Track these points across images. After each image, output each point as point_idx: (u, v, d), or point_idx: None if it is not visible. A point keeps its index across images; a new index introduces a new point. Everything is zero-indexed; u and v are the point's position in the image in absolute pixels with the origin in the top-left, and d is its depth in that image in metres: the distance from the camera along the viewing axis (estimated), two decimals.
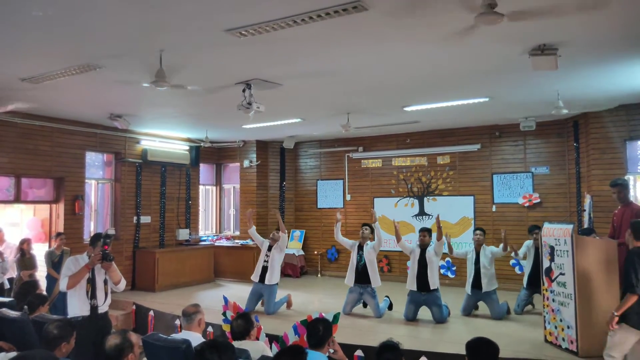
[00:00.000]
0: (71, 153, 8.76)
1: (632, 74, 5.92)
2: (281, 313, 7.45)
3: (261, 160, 11.49)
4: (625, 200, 5.54)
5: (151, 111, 8.01)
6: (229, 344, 3.06)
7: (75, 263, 4.59)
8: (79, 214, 8.78)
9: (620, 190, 5.57)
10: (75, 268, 4.52)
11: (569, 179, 8.77)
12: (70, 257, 4.77)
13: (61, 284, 4.52)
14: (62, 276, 4.56)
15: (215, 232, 12.05)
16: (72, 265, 4.57)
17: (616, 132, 7.79)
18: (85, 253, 4.79)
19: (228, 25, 4.21)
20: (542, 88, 6.51)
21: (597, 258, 5.15)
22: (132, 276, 9.69)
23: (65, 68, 5.42)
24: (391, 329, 6.31)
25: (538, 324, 6.08)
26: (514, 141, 9.34)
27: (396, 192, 10.44)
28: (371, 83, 6.27)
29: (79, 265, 4.54)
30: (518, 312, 7.13)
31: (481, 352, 2.96)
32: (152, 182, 10.17)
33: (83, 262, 4.58)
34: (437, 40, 4.65)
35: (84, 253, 4.78)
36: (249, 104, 6.03)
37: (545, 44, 4.72)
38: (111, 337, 2.96)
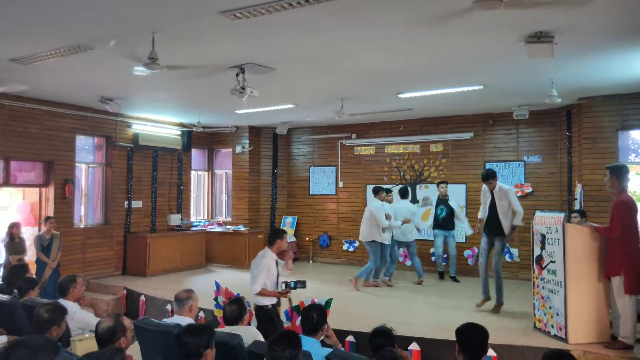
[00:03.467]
0: (61, 136, 8.65)
1: (626, 64, 5.92)
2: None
3: (254, 146, 11.43)
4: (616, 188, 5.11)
5: (143, 95, 7.91)
6: (206, 327, 3.09)
7: (269, 267, 4.88)
8: (69, 198, 8.70)
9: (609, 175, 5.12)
10: (267, 273, 4.85)
11: (561, 168, 8.81)
12: (262, 260, 4.90)
13: (254, 288, 4.81)
14: (257, 279, 4.80)
15: (207, 217, 12.01)
16: (263, 271, 4.84)
17: (608, 121, 7.82)
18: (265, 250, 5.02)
19: (222, 7, 4.14)
20: (537, 76, 6.50)
21: (587, 246, 5.19)
22: (123, 261, 9.65)
23: (55, 49, 5.31)
24: (382, 315, 6.34)
25: (528, 312, 6.15)
26: (506, 130, 9.35)
27: (389, 180, 10.44)
28: (366, 69, 6.22)
29: (271, 269, 4.89)
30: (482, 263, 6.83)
31: (471, 338, 2.98)
32: (143, 166, 10.09)
33: (271, 260, 4.91)
34: (433, 26, 4.61)
35: (266, 250, 4.99)
36: (242, 88, 5.96)
37: (542, 31, 4.70)
38: (104, 321, 2.95)
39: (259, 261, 4.88)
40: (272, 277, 4.89)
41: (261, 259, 4.88)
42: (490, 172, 6.65)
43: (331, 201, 11.21)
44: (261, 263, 4.84)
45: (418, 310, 6.91)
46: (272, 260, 4.91)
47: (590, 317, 5.15)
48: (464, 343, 2.92)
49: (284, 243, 4.99)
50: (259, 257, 4.93)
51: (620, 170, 5.08)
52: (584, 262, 5.18)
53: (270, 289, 4.87)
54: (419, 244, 9.25)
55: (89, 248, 9.09)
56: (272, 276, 4.89)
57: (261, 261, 4.86)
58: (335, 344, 3.68)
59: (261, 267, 4.82)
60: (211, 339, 2.92)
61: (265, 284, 4.84)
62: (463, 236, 9.54)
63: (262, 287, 4.81)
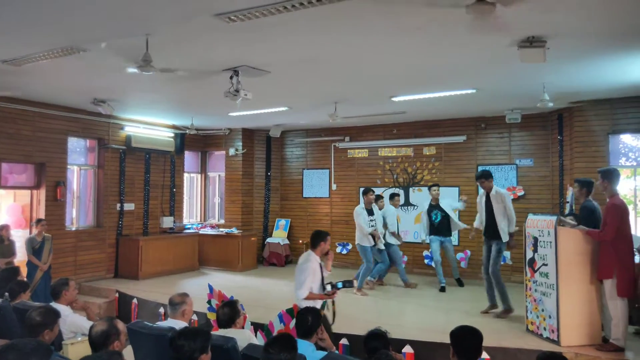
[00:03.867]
0: (53, 138, 8.59)
1: (616, 68, 5.99)
2: (265, 302, 7.44)
3: (247, 148, 11.41)
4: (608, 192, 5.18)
5: (136, 97, 7.88)
6: (202, 331, 3.06)
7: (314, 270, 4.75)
8: (60, 200, 8.64)
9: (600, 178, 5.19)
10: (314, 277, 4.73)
11: (553, 172, 8.88)
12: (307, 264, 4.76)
13: (300, 293, 4.70)
14: (304, 284, 4.69)
15: (199, 220, 11.97)
16: (310, 276, 4.71)
17: (599, 125, 7.90)
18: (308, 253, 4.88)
19: (217, 10, 4.14)
20: (529, 81, 6.56)
21: (579, 249, 5.24)
22: (115, 264, 9.59)
23: (48, 50, 5.28)
24: (376, 318, 6.35)
25: (520, 314, 6.18)
26: (499, 133, 9.41)
27: (382, 182, 10.47)
28: (360, 72, 6.25)
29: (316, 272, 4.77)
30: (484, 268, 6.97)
31: (465, 340, 2.99)
32: (136, 169, 10.04)
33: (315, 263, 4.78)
34: (426, 30, 4.64)
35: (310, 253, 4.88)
36: (236, 91, 5.96)
37: (534, 36, 4.74)
38: (97, 324, 2.92)
39: (304, 266, 4.74)
40: (317, 280, 4.78)
41: (306, 263, 4.74)
42: (485, 172, 6.75)
43: (324, 204, 11.21)
44: (307, 267, 4.71)
45: (411, 313, 6.92)
46: (317, 263, 4.80)
47: (582, 320, 5.19)
48: (458, 346, 2.94)
49: (327, 245, 4.88)
50: (303, 262, 4.79)
51: (611, 174, 5.13)
52: (576, 265, 5.23)
53: (316, 292, 4.75)
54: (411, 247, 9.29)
55: (81, 251, 9.02)
56: (318, 279, 4.78)
57: (306, 265, 4.72)
58: (330, 347, 3.68)
59: (307, 272, 4.68)
60: (207, 343, 2.89)
61: (312, 287, 4.72)
62: (456, 239, 9.57)
63: (309, 292, 4.68)
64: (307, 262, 4.75)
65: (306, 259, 4.80)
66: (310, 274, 4.69)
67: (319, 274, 4.80)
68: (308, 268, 4.71)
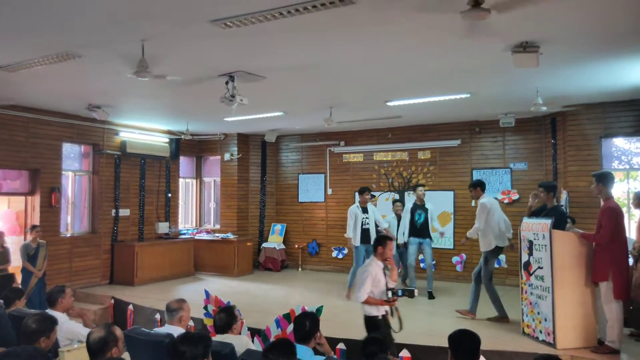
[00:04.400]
0: (47, 144, 8.56)
1: (608, 73, 6.05)
2: (262, 307, 7.43)
3: (242, 153, 11.42)
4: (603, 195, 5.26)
5: (131, 102, 7.88)
6: (204, 336, 3.06)
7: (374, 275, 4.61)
8: (55, 207, 8.60)
9: (595, 182, 5.27)
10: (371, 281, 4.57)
11: (546, 175, 8.94)
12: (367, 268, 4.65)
13: (358, 296, 4.59)
14: (362, 287, 4.56)
15: (195, 225, 11.94)
16: (369, 279, 4.57)
17: (592, 129, 7.96)
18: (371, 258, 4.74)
19: (213, 16, 4.16)
20: (522, 85, 6.61)
21: (574, 252, 5.27)
22: (111, 270, 9.55)
23: (43, 56, 5.28)
24: None
25: (516, 317, 6.21)
26: (493, 137, 9.47)
27: (377, 187, 10.49)
28: (355, 77, 6.28)
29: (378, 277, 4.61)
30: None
31: (463, 344, 3.00)
32: (131, 174, 10.01)
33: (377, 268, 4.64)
34: (421, 35, 4.68)
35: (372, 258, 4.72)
36: (232, 96, 5.97)
37: (528, 41, 4.79)
38: (95, 331, 2.91)
39: (364, 269, 4.69)
40: (380, 285, 4.63)
41: (366, 267, 4.68)
42: (472, 182, 7.01)
43: (320, 208, 11.22)
44: (365, 271, 4.63)
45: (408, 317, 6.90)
46: (378, 267, 4.66)
47: (577, 322, 5.22)
48: (456, 349, 2.95)
49: (386, 250, 4.69)
50: (365, 265, 4.77)
51: (606, 178, 5.18)
52: (571, 268, 5.26)
53: (377, 298, 4.62)
54: None
55: (76, 257, 8.98)
56: (380, 285, 4.63)
57: (366, 269, 4.65)
58: (328, 352, 3.68)
59: (366, 275, 4.59)
60: (208, 348, 2.89)
61: (373, 292, 4.60)
62: (451, 242, 9.61)
63: (368, 295, 4.57)
64: (367, 266, 4.67)
65: (368, 262, 4.74)
66: (369, 277, 4.57)
67: (382, 280, 4.64)
68: (366, 272, 4.61)
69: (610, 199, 5.12)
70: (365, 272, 4.63)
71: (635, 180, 8.28)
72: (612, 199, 5.15)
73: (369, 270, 4.61)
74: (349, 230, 8.01)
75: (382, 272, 4.67)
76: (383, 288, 4.63)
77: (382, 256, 4.69)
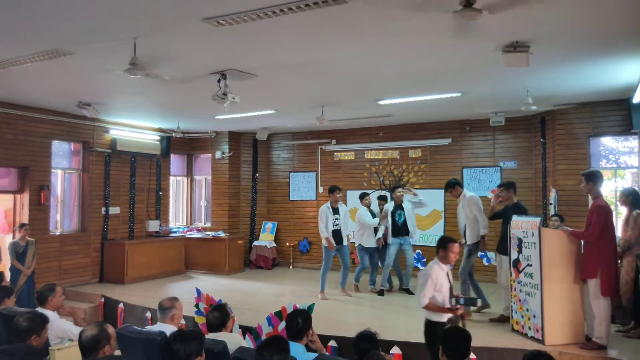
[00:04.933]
0: (37, 142, 8.49)
1: (596, 73, 6.13)
2: (253, 305, 7.44)
3: (233, 151, 11.39)
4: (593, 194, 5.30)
5: (122, 100, 7.83)
6: (197, 334, 3.06)
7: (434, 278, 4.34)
8: (44, 205, 8.53)
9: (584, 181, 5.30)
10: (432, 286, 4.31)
11: (536, 174, 9.03)
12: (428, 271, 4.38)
13: (419, 301, 4.37)
14: (421, 291, 4.34)
15: (186, 223, 11.91)
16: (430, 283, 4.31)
17: (581, 128, 8.06)
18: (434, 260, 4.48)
19: (206, 14, 4.15)
20: (512, 84, 6.67)
21: (563, 250, 5.34)
22: (100, 268, 9.50)
23: (34, 53, 5.23)
24: (363, 320, 6.39)
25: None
26: (483, 136, 9.55)
27: (368, 185, 10.53)
28: (347, 76, 6.30)
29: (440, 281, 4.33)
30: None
31: (455, 341, 3.05)
32: (121, 172, 9.95)
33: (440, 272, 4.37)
34: (413, 35, 4.71)
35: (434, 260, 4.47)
36: (224, 94, 5.96)
37: (518, 41, 4.84)
38: (87, 329, 2.91)
39: (424, 272, 4.44)
40: (442, 289, 4.32)
41: (427, 270, 4.42)
42: (450, 182, 7.13)
43: (311, 206, 11.23)
44: (426, 274, 4.37)
45: (398, 314, 6.97)
46: (441, 271, 4.36)
47: (565, 319, 5.29)
48: (447, 346, 2.99)
49: (448, 253, 4.38)
50: (425, 268, 4.50)
51: (595, 177, 5.25)
52: (560, 265, 5.33)
53: (440, 303, 4.33)
54: None
55: (65, 255, 8.92)
56: (443, 289, 4.32)
57: (426, 272, 4.39)
58: (320, 349, 3.70)
59: (425, 279, 4.33)
60: (202, 346, 2.89)
61: (435, 298, 4.32)
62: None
63: (429, 300, 4.29)
64: (428, 269, 4.41)
65: (429, 265, 4.46)
66: (428, 281, 4.29)
67: (445, 285, 4.35)
68: (425, 275, 4.37)
69: (600, 198, 5.19)
70: (425, 275, 4.37)
71: (623, 179, 8.40)
72: (601, 198, 5.22)
73: (429, 273, 4.34)
74: (322, 230, 7.90)
75: (445, 276, 4.39)
76: (447, 294, 4.32)
77: (445, 260, 4.40)
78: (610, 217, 5.12)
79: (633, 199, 5.53)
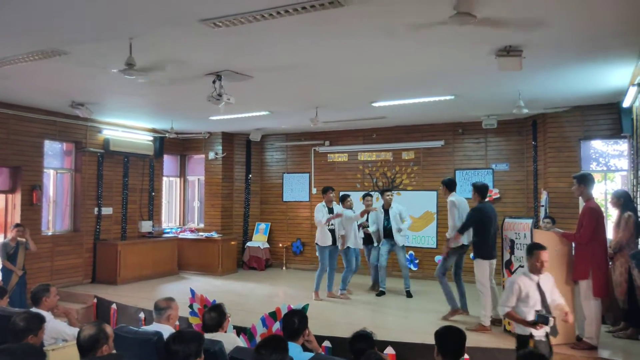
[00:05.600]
0: (29, 141, 8.43)
1: (587, 77, 6.23)
2: (246, 306, 7.45)
3: (227, 152, 11.39)
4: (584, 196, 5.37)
5: (115, 100, 7.81)
6: (196, 335, 3.08)
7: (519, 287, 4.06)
8: (36, 205, 8.47)
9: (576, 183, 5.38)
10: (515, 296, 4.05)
11: (527, 176, 9.13)
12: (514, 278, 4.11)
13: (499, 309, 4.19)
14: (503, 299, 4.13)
15: (179, 224, 11.88)
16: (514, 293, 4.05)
17: (571, 132, 8.17)
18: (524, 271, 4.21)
19: (203, 15, 4.17)
20: (505, 88, 6.75)
21: (553, 251, 5.40)
22: (93, 269, 9.45)
23: (28, 53, 5.21)
24: (357, 321, 6.43)
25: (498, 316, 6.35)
26: (476, 138, 9.63)
27: (361, 187, 10.57)
28: (342, 78, 6.34)
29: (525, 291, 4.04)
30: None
31: (450, 340, 3.08)
32: (114, 172, 9.92)
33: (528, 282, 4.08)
34: (407, 38, 4.75)
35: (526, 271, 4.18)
36: (219, 95, 5.97)
37: (511, 45, 4.90)
38: (86, 329, 2.91)
39: (510, 279, 4.23)
40: (528, 302, 4.01)
41: (514, 278, 4.19)
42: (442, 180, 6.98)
43: (304, 207, 11.26)
44: (509, 282, 4.17)
45: (391, 315, 7.02)
46: (528, 281, 4.05)
47: (557, 319, 5.33)
48: (442, 345, 3.02)
49: (533, 261, 4.08)
50: (514, 275, 4.29)
51: (586, 179, 5.33)
52: (552, 266, 5.33)
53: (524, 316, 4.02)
54: None
55: (57, 256, 8.86)
56: (529, 302, 4.01)
57: (511, 280, 4.16)
58: (316, 349, 3.73)
59: (507, 287, 4.13)
60: (201, 347, 2.91)
61: (520, 308, 4.04)
62: (434, 242, 9.75)
63: (509, 309, 4.04)
64: (514, 277, 4.21)
65: (518, 273, 4.21)
66: (510, 291, 4.06)
67: (533, 297, 4.02)
68: (509, 282, 4.16)
69: (591, 200, 5.26)
70: (509, 283, 4.15)
71: (612, 182, 8.52)
72: (593, 200, 5.29)
73: (513, 282, 4.10)
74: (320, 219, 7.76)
75: (535, 287, 4.05)
76: (533, 307, 4.00)
77: (533, 269, 4.09)
78: (601, 219, 5.19)
79: (624, 200, 5.61)
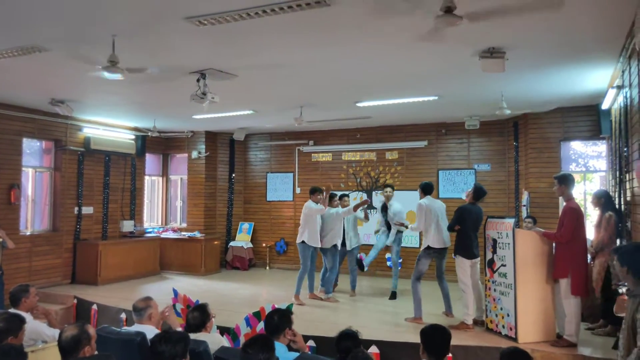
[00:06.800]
0: (7, 139, 8.25)
1: (567, 80, 6.34)
2: (229, 306, 7.40)
3: (210, 151, 11.31)
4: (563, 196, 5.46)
5: (97, 98, 7.68)
6: (183, 336, 3.06)
7: None
8: (14, 204, 8.30)
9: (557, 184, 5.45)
10: None
11: (509, 176, 9.26)
12: None
13: None
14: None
15: (161, 223, 11.75)
16: None
17: (552, 133, 8.31)
18: None
19: (188, 13, 4.13)
20: (488, 89, 6.83)
21: (536, 251, 5.49)
22: (73, 269, 9.29)
23: (7, 49, 5.10)
24: (343, 320, 6.44)
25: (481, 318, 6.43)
26: (458, 139, 9.73)
27: (345, 186, 10.60)
28: (327, 78, 6.34)
29: None
30: None
31: (435, 338, 3.13)
32: (95, 171, 9.76)
33: None
34: (393, 39, 4.78)
35: None
36: (203, 94, 5.93)
37: (495, 47, 4.96)
38: (67, 329, 2.86)
39: None
40: None
41: None
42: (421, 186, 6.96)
43: (288, 207, 11.24)
44: None
45: (375, 314, 7.04)
46: None
47: (538, 317, 5.44)
48: (428, 343, 3.05)
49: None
50: None
51: (567, 180, 5.42)
52: (533, 265, 5.48)
53: None
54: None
55: (36, 256, 8.69)
56: None
57: None
58: (302, 348, 3.73)
59: None
60: (187, 347, 2.89)
61: None
62: (417, 241, 9.81)
63: None
64: None
65: None
66: None
67: None
68: None
69: (571, 200, 5.36)
70: None
71: (591, 182, 8.68)
72: (573, 200, 5.39)
73: None
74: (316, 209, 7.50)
75: None
76: None
77: None
78: (581, 219, 5.29)
79: (605, 200, 5.72)
